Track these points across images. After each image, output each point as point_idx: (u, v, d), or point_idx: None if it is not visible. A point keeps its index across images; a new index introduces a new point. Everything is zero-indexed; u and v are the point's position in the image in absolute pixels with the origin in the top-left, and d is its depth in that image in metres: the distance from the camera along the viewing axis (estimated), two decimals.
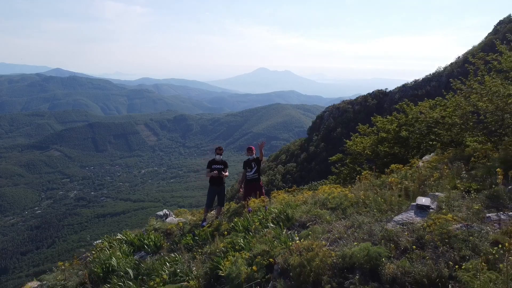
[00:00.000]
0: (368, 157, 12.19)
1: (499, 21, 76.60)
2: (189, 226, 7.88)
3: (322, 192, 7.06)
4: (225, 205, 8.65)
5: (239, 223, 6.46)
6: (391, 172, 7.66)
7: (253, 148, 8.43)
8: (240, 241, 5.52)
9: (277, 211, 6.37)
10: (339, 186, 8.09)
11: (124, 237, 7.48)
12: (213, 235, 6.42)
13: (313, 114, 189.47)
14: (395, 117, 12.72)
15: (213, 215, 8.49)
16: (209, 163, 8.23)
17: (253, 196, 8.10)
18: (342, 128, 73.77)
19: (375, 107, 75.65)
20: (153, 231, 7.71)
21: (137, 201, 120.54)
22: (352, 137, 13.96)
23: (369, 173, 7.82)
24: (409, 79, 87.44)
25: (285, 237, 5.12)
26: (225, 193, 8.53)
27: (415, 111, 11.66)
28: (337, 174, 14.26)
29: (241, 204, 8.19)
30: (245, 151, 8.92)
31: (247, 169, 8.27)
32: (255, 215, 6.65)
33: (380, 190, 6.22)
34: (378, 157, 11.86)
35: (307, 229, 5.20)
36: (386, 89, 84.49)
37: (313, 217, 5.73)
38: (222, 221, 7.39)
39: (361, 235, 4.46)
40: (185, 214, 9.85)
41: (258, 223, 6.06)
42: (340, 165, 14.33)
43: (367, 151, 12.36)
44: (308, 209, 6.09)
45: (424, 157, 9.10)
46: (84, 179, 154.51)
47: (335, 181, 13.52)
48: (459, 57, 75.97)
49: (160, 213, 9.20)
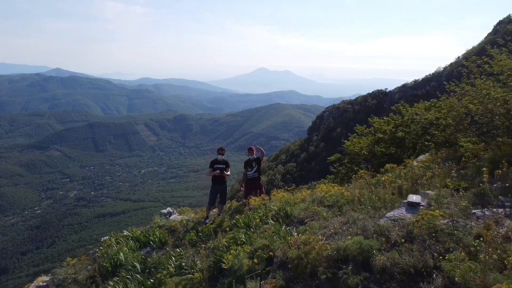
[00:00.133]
0: (365, 157, 12.46)
1: (499, 21, 76.55)
2: (192, 223, 8.18)
3: (319, 190, 7.32)
4: (226, 203, 8.97)
5: (240, 220, 6.74)
6: (386, 171, 7.95)
7: (254, 148, 8.74)
8: (241, 237, 5.81)
9: (276, 209, 6.64)
10: (336, 185, 8.37)
11: (130, 234, 7.79)
12: (216, 231, 6.70)
13: (313, 114, 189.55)
14: (392, 118, 13.03)
15: (215, 212, 8.80)
16: (211, 163, 8.52)
17: (254, 194, 8.42)
18: (342, 128, 73.82)
19: (375, 107, 75.73)
20: (157, 228, 8.01)
21: (137, 201, 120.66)
22: (350, 138, 14.26)
23: (365, 172, 8.10)
24: (409, 79, 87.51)
25: (284, 232, 5.43)
26: (227, 191, 8.84)
27: (411, 113, 11.97)
28: (335, 173, 14.55)
29: (242, 202, 8.49)
30: (245, 151, 9.23)
31: (248, 168, 8.59)
32: (256, 213, 6.94)
33: (374, 188, 6.46)
34: (375, 157, 12.13)
35: (305, 225, 5.50)
36: (386, 89, 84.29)
37: (310, 214, 5.99)
38: (224, 218, 7.67)
39: (355, 230, 4.73)
40: (188, 212, 10.16)
41: (258, 220, 6.36)
42: (338, 165, 14.61)
43: (364, 151, 12.64)
44: (306, 207, 6.36)
45: (419, 157, 9.38)
46: (84, 179, 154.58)
47: (333, 180, 13.78)
48: (459, 57, 75.82)
49: (164, 211, 9.51)
